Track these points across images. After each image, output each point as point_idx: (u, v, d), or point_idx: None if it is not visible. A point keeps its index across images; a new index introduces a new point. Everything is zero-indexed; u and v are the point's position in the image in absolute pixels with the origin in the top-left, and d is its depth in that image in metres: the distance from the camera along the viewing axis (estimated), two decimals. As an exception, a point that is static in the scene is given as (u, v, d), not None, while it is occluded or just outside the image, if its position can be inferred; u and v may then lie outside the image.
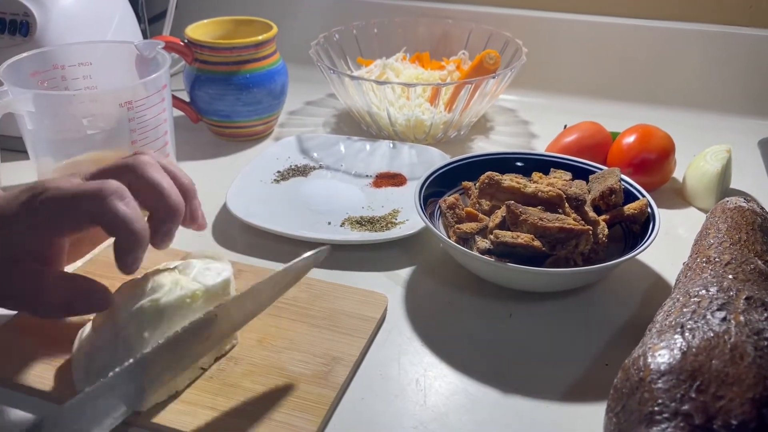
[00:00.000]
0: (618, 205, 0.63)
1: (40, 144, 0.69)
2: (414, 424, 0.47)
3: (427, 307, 0.59)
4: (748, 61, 0.95)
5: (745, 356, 0.38)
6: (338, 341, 0.53)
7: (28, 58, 0.69)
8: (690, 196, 0.75)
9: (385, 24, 1.02)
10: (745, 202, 0.59)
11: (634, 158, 0.74)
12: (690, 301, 0.45)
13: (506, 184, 0.62)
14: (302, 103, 1.01)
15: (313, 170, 0.80)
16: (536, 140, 0.91)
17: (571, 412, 0.49)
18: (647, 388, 0.38)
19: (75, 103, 0.66)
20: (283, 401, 0.48)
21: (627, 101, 0.99)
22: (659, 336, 0.42)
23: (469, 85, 0.81)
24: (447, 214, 0.64)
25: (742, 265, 0.49)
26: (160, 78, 0.69)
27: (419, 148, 0.82)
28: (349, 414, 0.48)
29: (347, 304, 0.57)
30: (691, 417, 0.36)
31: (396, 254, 0.66)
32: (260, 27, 0.88)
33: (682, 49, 0.97)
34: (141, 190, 0.47)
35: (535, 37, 0.99)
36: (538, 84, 1.02)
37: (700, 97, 0.97)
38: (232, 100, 0.84)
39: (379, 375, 0.52)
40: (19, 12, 0.79)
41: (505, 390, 0.50)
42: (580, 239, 0.58)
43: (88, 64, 0.74)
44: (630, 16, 0.99)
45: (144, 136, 0.69)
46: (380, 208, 0.72)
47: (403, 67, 0.94)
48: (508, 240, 0.57)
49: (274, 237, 0.66)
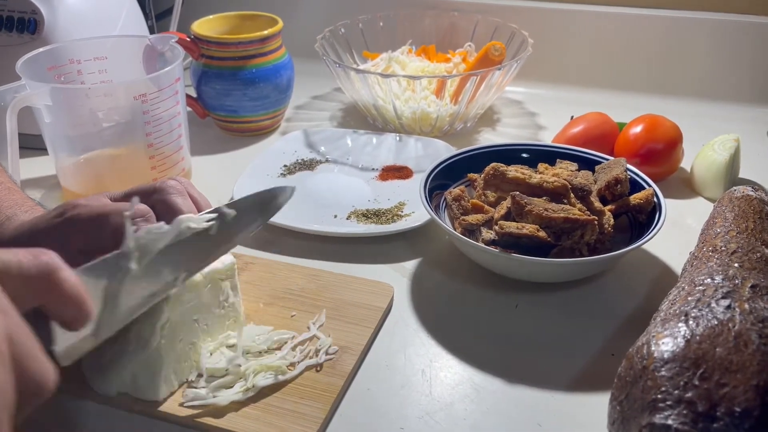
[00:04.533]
0: (624, 195, 0.63)
1: (57, 139, 0.70)
2: (420, 414, 0.48)
3: (433, 298, 0.60)
4: (757, 50, 0.94)
5: (750, 344, 0.38)
6: (345, 331, 0.53)
7: (44, 53, 0.70)
8: (698, 185, 0.75)
9: (391, 17, 1.02)
10: (752, 191, 0.59)
11: (641, 148, 0.74)
12: (695, 289, 0.45)
13: (511, 175, 0.62)
14: (309, 98, 1.01)
15: (319, 164, 0.80)
16: (543, 132, 0.90)
17: (576, 402, 0.49)
18: (651, 376, 0.38)
19: (90, 96, 0.67)
20: (291, 390, 0.48)
21: (634, 91, 0.99)
22: (663, 324, 0.42)
23: (474, 77, 0.80)
24: (452, 205, 0.64)
25: (748, 254, 0.49)
26: (174, 71, 0.70)
27: (425, 141, 0.82)
28: (355, 404, 0.49)
29: (354, 294, 0.57)
30: (694, 404, 0.36)
31: (402, 246, 0.66)
32: (266, 22, 0.89)
33: (689, 38, 0.96)
34: (164, 212, 0.49)
35: (541, 28, 0.99)
36: (545, 75, 1.02)
37: (708, 86, 0.97)
38: (238, 95, 0.85)
39: (385, 366, 0.52)
40: (27, 10, 0.79)
41: (510, 380, 0.51)
42: (585, 229, 0.58)
43: (103, 58, 0.75)
44: (636, 5, 0.98)
45: (158, 129, 0.70)
46: (386, 200, 0.72)
47: (409, 60, 0.94)
48: (513, 231, 0.57)
49: (281, 230, 0.67)
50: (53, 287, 0.34)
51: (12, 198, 0.55)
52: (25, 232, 0.49)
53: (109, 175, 0.73)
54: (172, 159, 0.73)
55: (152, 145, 0.70)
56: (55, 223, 0.48)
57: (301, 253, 0.65)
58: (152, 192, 0.50)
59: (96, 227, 0.47)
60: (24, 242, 0.48)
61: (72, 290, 0.35)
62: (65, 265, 0.35)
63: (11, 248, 0.34)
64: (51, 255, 0.35)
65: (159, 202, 0.49)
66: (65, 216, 0.48)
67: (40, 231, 0.48)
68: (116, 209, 0.47)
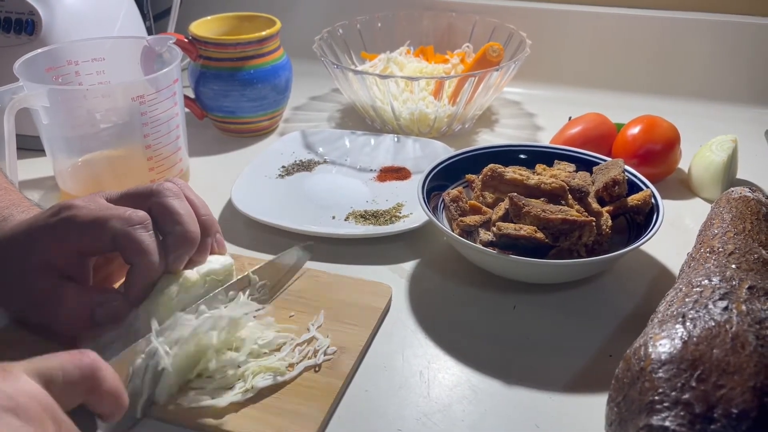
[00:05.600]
0: (621, 196, 0.63)
1: (55, 140, 0.70)
2: (417, 416, 0.48)
3: (431, 299, 0.60)
4: (755, 51, 0.94)
5: (747, 345, 0.38)
6: (344, 331, 0.53)
7: (42, 55, 0.70)
8: (696, 186, 0.75)
9: (389, 18, 1.02)
10: (750, 191, 0.59)
11: (639, 149, 0.74)
12: (692, 291, 0.45)
13: (509, 177, 0.62)
14: (307, 98, 1.01)
15: (317, 165, 0.80)
16: (541, 132, 0.90)
17: (574, 404, 0.49)
18: (648, 377, 0.39)
19: (88, 97, 0.67)
20: (290, 390, 0.48)
21: (632, 92, 0.99)
22: (660, 326, 0.42)
23: (472, 77, 0.81)
24: (450, 207, 0.64)
25: (745, 255, 0.49)
26: (172, 72, 0.70)
27: (423, 142, 0.82)
28: (353, 406, 0.49)
29: (352, 294, 0.57)
30: (691, 406, 0.36)
31: (400, 248, 0.66)
32: (264, 22, 0.89)
33: (687, 38, 0.96)
34: (160, 215, 0.49)
35: (539, 29, 0.99)
36: (543, 76, 1.02)
37: (706, 87, 0.97)
38: (236, 96, 0.85)
39: (383, 367, 0.52)
40: (24, 11, 0.79)
41: (508, 381, 0.51)
42: (583, 230, 0.58)
43: (101, 59, 0.75)
44: (634, 6, 0.98)
45: (156, 131, 0.70)
46: (384, 201, 0.72)
47: (407, 61, 0.94)
48: (510, 232, 0.57)
49: (278, 231, 0.67)
50: (95, 387, 0.37)
51: (9, 198, 0.55)
52: (22, 231, 0.49)
53: (106, 177, 0.73)
54: (170, 160, 0.73)
55: (150, 147, 0.70)
56: (51, 223, 0.48)
57: (299, 255, 0.65)
58: (149, 195, 0.50)
59: (94, 231, 0.47)
60: (21, 242, 0.48)
61: (110, 387, 0.38)
62: (104, 363, 0.38)
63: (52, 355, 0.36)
64: (91, 356, 0.37)
65: (156, 205, 0.49)
66: (61, 216, 0.48)
67: (36, 230, 0.48)
68: (117, 215, 0.47)
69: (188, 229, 0.49)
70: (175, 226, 0.49)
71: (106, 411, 0.38)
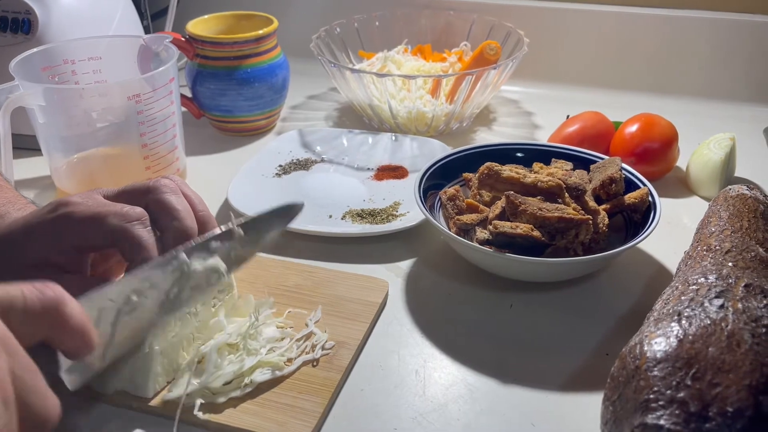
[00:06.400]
0: (619, 194, 0.63)
1: (51, 139, 0.70)
2: (413, 415, 0.48)
3: (428, 298, 0.59)
4: (753, 49, 0.94)
5: (742, 343, 0.38)
6: (341, 326, 0.54)
7: (38, 54, 0.70)
8: (694, 184, 0.75)
9: (387, 16, 1.01)
10: (747, 189, 0.58)
11: (636, 147, 0.74)
12: (688, 289, 0.45)
13: (506, 175, 0.62)
14: (304, 97, 1.01)
15: (314, 164, 0.80)
16: (539, 131, 0.90)
17: (570, 402, 0.49)
18: (643, 376, 0.38)
19: (84, 96, 0.67)
20: (289, 385, 0.48)
21: (630, 90, 0.98)
22: (656, 324, 0.42)
23: (470, 76, 0.80)
24: (447, 205, 0.64)
25: (742, 253, 0.49)
26: (168, 71, 0.69)
27: (421, 141, 0.82)
28: (349, 405, 0.49)
29: (349, 289, 0.58)
30: (686, 404, 0.36)
31: (397, 246, 0.66)
32: (261, 21, 0.88)
33: (685, 36, 0.96)
34: (158, 211, 0.49)
35: (537, 27, 0.99)
36: (541, 74, 1.02)
37: (704, 85, 0.97)
38: (233, 95, 0.84)
39: (379, 366, 0.52)
40: (20, 10, 0.79)
41: (504, 380, 0.50)
42: (579, 229, 0.58)
43: (97, 58, 0.75)
44: (632, 4, 0.98)
45: (152, 129, 0.70)
46: (381, 200, 0.72)
47: (405, 59, 0.94)
48: (507, 230, 0.57)
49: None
50: (58, 322, 0.34)
51: (5, 196, 0.54)
52: (18, 228, 0.48)
53: (103, 176, 0.73)
54: (166, 159, 0.73)
55: (146, 146, 0.70)
56: (48, 219, 0.47)
57: (296, 253, 0.65)
58: (146, 191, 0.50)
59: (92, 227, 0.47)
60: (19, 239, 0.48)
61: (76, 324, 0.35)
62: (70, 298, 0.35)
63: (15, 282, 0.34)
64: (56, 289, 0.35)
65: (153, 201, 0.49)
66: (58, 212, 0.47)
67: (33, 227, 0.48)
68: (115, 212, 0.47)
69: (185, 225, 0.49)
70: (172, 222, 0.49)
71: (71, 348, 0.36)
